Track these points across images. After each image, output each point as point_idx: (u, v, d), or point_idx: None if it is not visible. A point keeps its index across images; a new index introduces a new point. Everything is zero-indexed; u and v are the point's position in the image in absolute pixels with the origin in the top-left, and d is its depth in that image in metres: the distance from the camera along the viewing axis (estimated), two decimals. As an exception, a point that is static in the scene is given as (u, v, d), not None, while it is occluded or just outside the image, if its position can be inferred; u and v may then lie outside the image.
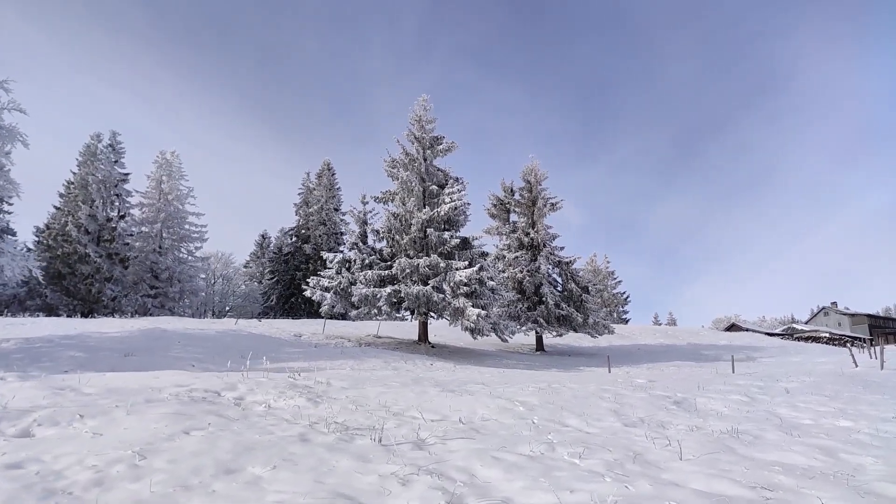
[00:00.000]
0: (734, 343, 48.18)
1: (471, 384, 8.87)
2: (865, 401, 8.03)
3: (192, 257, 54.72)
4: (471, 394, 7.26)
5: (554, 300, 33.50)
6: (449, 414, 5.85)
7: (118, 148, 44.66)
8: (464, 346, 31.37)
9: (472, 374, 15.42)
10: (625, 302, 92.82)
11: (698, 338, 51.84)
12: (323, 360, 17.41)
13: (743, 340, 50.86)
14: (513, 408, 6.33)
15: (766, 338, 55.43)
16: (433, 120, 28.51)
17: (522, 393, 7.62)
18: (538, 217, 37.25)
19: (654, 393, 8.21)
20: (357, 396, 6.67)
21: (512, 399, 6.85)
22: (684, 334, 55.02)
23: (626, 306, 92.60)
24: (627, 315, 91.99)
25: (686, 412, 6.76)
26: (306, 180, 67.24)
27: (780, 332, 65.91)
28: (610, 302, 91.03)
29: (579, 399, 7.24)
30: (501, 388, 8.22)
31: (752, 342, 48.67)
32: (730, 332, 61.95)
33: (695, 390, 8.83)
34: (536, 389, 8.11)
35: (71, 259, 37.59)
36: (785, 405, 7.50)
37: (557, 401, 7.01)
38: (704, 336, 53.71)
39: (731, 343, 48.33)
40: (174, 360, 15.29)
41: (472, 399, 6.74)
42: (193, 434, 4.59)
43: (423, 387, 7.63)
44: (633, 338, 50.69)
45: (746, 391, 8.82)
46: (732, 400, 7.81)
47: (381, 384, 7.86)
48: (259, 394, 6.39)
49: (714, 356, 37.52)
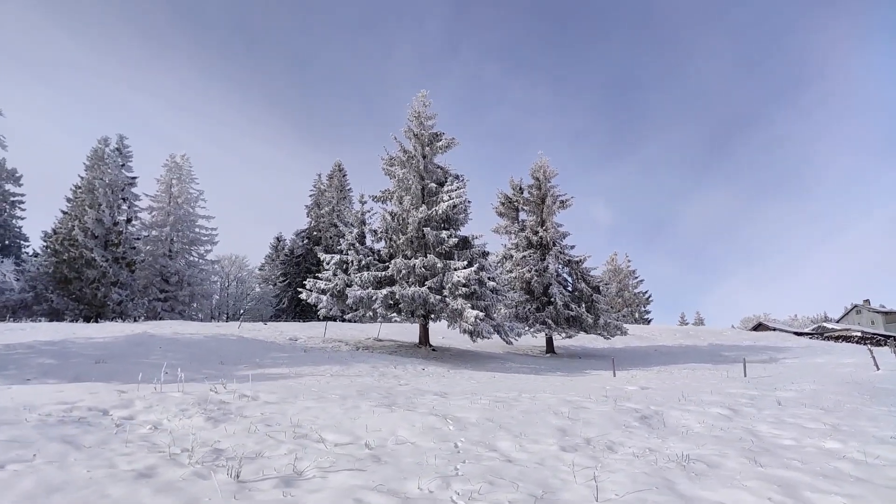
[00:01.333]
0: (758, 343, 46.56)
1: (429, 395, 8.15)
2: (867, 414, 7.10)
3: (203, 260, 54.94)
4: (410, 408, 6.54)
5: (563, 300, 32.53)
6: (362, 435, 5.14)
7: (125, 152, 44.91)
8: (469, 349, 30.60)
9: (456, 380, 14.69)
10: (647, 301, 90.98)
11: (720, 338, 50.25)
12: (306, 366, 16.84)
13: (768, 340, 49.15)
14: (442, 427, 5.59)
15: (792, 337, 53.52)
16: (433, 116, 27.82)
17: (470, 407, 6.87)
18: (547, 215, 36.30)
19: (624, 406, 7.38)
20: (274, 413, 6.00)
21: (447, 416, 6.10)
22: (706, 335, 53.42)
23: (649, 306, 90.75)
24: (650, 315, 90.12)
25: (647, 430, 5.95)
26: (318, 182, 67.13)
27: (809, 332, 63.69)
28: (631, 301, 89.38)
29: (529, 415, 6.46)
30: (459, 401, 7.48)
31: (778, 342, 46.98)
32: (755, 332, 60.01)
33: (675, 401, 7.98)
34: (489, 402, 7.34)
35: (77, 263, 37.80)
36: (769, 420, 6.63)
37: (501, 417, 6.25)
38: (727, 336, 52.06)
39: (754, 343, 46.72)
40: (147, 366, 14.82)
41: (404, 416, 6.02)
42: (8, 468, 3.97)
43: (360, 401, 6.92)
44: (651, 339, 49.33)
45: (733, 402, 7.94)
46: (711, 414, 6.96)
47: (317, 397, 7.18)
48: (156, 412, 5.75)
49: (734, 358, 36.15)
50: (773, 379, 14.48)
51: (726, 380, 13.61)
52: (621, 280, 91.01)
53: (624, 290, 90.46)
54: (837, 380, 11.17)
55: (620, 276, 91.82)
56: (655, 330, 56.27)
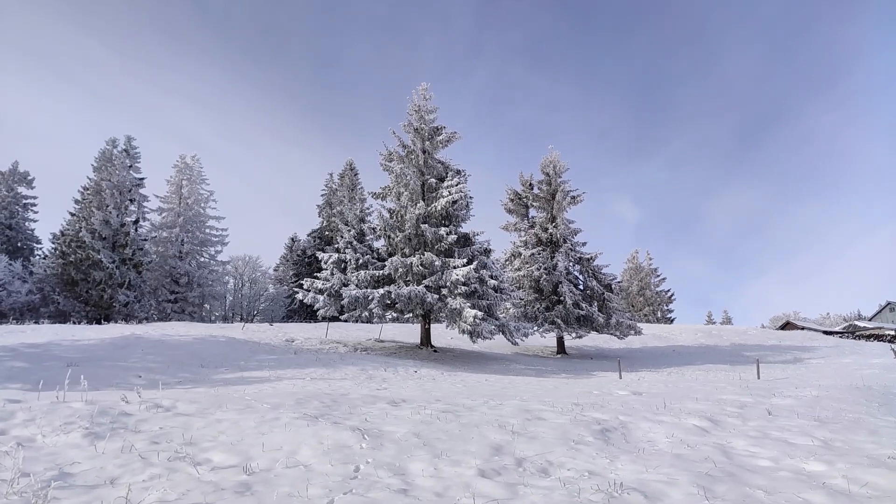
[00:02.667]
0: (783, 343, 44.92)
1: (382, 402, 7.45)
2: (868, 426, 6.21)
3: (214, 261, 55.01)
4: (337, 422, 5.85)
5: (573, 299, 31.54)
6: (255, 457, 4.47)
7: (133, 153, 45.10)
8: (474, 350, 29.83)
9: (440, 384, 13.99)
10: (669, 300, 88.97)
11: (744, 338, 48.61)
12: (290, 369, 16.30)
13: (794, 340, 47.38)
14: (354, 445, 4.89)
15: (820, 336, 51.58)
16: (434, 110, 27.08)
17: (408, 419, 6.16)
18: (558, 211, 35.35)
19: (587, 417, 6.60)
20: (174, 428, 5.36)
21: (370, 431, 5.40)
22: (729, 334, 51.78)
23: (671, 305, 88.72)
24: (672, 314, 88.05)
25: (600, 447, 5.17)
26: (329, 181, 66.92)
27: (839, 330, 61.46)
28: (653, 300, 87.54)
29: (468, 428, 5.72)
30: (404, 411, 6.78)
31: (804, 342, 45.24)
32: (782, 332, 58.07)
33: (654, 410, 7.17)
34: (435, 412, 6.61)
35: (84, 265, 37.97)
36: (751, 434, 5.79)
37: (433, 432, 5.52)
38: (751, 336, 50.33)
39: (780, 343, 45.08)
40: (121, 370, 14.46)
41: (317, 431, 5.33)
42: None
43: (287, 412, 6.25)
44: (671, 338, 47.96)
45: (718, 411, 7.09)
46: (685, 426, 6.14)
47: (244, 407, 6.52)
48: (35, 426, 5.14)
49: (755, 358, 34.73)
50: (783, 382, 13.50)
51: (726, 384, 12.67)
52: (643, 279, 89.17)
53: (645, 288, 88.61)
54: (848, 384, 10.16)
55: (642, 274, 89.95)
56: (676, 329, 54.78)
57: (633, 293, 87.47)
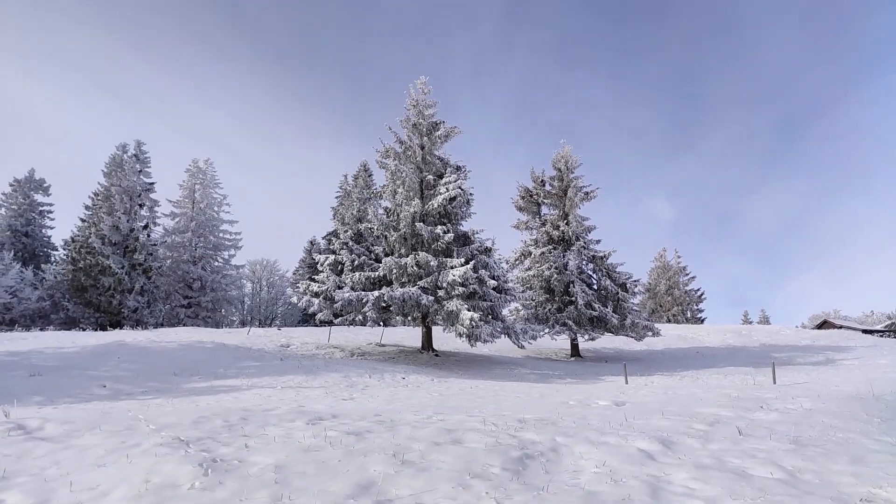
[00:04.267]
0: (817, 343, 42.78)
1: (300, 419, 6.65)
2: (854, 452, 5.15)
3: (227, 266, 55.11)
4: (200, 451, 5.05)
5: (585, 300, 30.32)
6: (52, 500, 3.68)
7: (143, 158, 45.39)
8: (481, 354, 28.87)
9: (415, 393, 13.16)
10: (699, 300, 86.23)
11: (775, 338, 46.51)
12: (269, 377, 15.68)
13: (829, 339, 45.10)
14: (185, 483, 4.11)
15: (857, 336, 49.05)
16: (433, 104, 26.25)
17: (285, 447, 5.34)
18: (570, 208, 34.15)
19: (516, 437, 5.68)
20: (6, 457, 4.63)
21: (220, 465, 4.58)
22: (760, 334, 49.68)
23: (701, 304, 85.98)
24: (703, 314, 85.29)
25: (502, 482, 4.28)
26: (343, 183, 66.61)
27: (881, 329, 58.59)
28: (682, 300, 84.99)
29: (353, 457, 4.85)
30: (314, 429, 5.96)
31: (840, 341, 42.99)
32: (817, 331, 55.51)
33: (603, 430, 6.20)
34: (335, 435, 5.77)
35: (93, 271, 38.20)
36: (703, 462, 4.81)
37: (303, 463, 4.68)
38: (784, 336, 48.13)
39: (813, 343, 42.94)
40: (87, 379, 14.01)
41: (159, 464, 4.54)
42: None
43: (158, 437, 5.48)
44: (697, 339, 46.20)
45: (683, 429, 6.10)
46: (628, 452, 5.17)
47: (122, 427, 5.80)
48: None
49: (785, 359, 33.04)
50: (798, 388, 12.30)
51: (731, 390, 11.54)
52: (671, 277, 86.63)
53: (674, 287, 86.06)
54: (854, 393, 8.92)
55: (670, 273, 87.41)
56: (703, 330, 52.81)
57: (661, 292, 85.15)
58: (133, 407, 8.95)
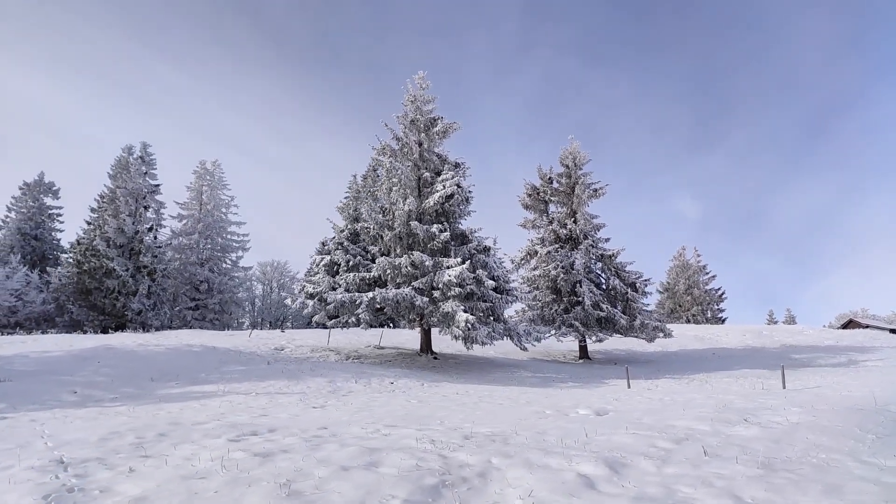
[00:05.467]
0: (840, 343, 41.32)
1: (224, 436, 6.09)
2: (833, 479, 4.41)
3: (236, 267, 55.08)
4: (80, 477, 4.50)
5: (592, 300, 29.45)
6: None
7: (149, 159, 45.49)
8: (484, 357, 28.17)
9: (391, 401, 12.57)
10: (720, 299, 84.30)
11: (797, 338, 45.06)
12: (248, 382, 15.22)
13: (854, 340, 43.55)
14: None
15: (884, 336, 47.35)
16: (431, 99, 25.62)
17: (163, 471, 4.77)
18: (578, 205, 33.28)
19: (444, 459, 5.05)
20: None
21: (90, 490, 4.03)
22: (782, 334, 48.22)
23: (722, 304, 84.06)
24: (723, 314, 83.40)
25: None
26: (353, 182, 66.18)
27: (910, 329, 56.55)
28: (702, 300, 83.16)
29: (236, 487, 4.27)
30: (212, 453, 5.39)
31: (864, 342, 41.48)
32: (842, 331, 53.78)
33: (547, 449, 5.54)
34: (240, 458, 5.19)
35: (98, 274, 38.27)
36: (647, 493, 4.13)
37: (170, 496, 4.09)
38: (806, 336, 46.62)
39: (836, 343, 41.48)
40: (60, 385, 13.68)
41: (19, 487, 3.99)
42: None
43: (28, 456, 4.95)
44: (714, 340, 44.99)
45: (638, 450, 5.41)
46: (566, 477, 4.51)
47: (16, 446, 5.29)
48: None
49: (804, 361, 31.85)
50: (808, 393, 11.44)
51: (717, 400, 10.73)
52: (690, 276, 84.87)
53: (693, 287, 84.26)
54: (852, 404, 8.05)
55: (689, 272, 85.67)
56: (721, 330, 51.47)
57: (680, 292, 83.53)
58: (55, 418, 8.48)
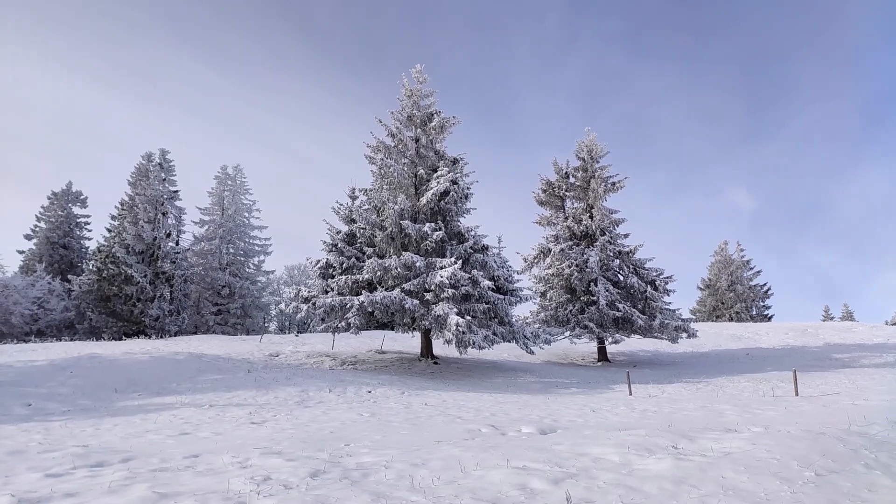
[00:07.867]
0: (890, 341, 38.70)
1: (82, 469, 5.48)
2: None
3: (258, 272, 55.53)
4: None
5: (608, 299, 28.12)
6: None
7: (168, 166, 46.12)
8: (488, 360, 27.25)
9: (340, 415, 11.87)
10: (765, 296, 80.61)
11: (844, 337, 42.37)
12: (213, 393, 14.79)
13: (907, 338, 40.74)
14: None
15: (944, 333, 44.15)
16: (430, 94, 24.85)
17: None
18: (594, 200, 31.94)
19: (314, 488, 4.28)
20: None
21: None
22: (827, 332, 45.51)
23: (767, 300, 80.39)
24: (769, 311, 79.73)
25: None
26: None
27: (975, 325, 52.68)
28: (745, 296, 79.68)
29: None
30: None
31: (918, 340, 38.74)
32: (895, 328, 50.55)
33: (418, 486, 4.72)
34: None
35: (117, 280, 38.96)
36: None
37: None
38: (854, 334, 43.80)
39: (886, 342, 38.84)
40: (18, 396, 13.53)
41: None
42: None
43: None
44: (752, 339, 42.73)
45: (489, 495, 4.51)
46: None
47: None
48: None
49: (846, 361, 29.79)
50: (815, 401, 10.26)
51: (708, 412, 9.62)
52: (732, 272, 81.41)
53: (736, 283, 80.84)
54: (833, 422, 6.85)
55: (732, 267, 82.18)
56: (762, 329, 48.97)
57: (723, 288, 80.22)
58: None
